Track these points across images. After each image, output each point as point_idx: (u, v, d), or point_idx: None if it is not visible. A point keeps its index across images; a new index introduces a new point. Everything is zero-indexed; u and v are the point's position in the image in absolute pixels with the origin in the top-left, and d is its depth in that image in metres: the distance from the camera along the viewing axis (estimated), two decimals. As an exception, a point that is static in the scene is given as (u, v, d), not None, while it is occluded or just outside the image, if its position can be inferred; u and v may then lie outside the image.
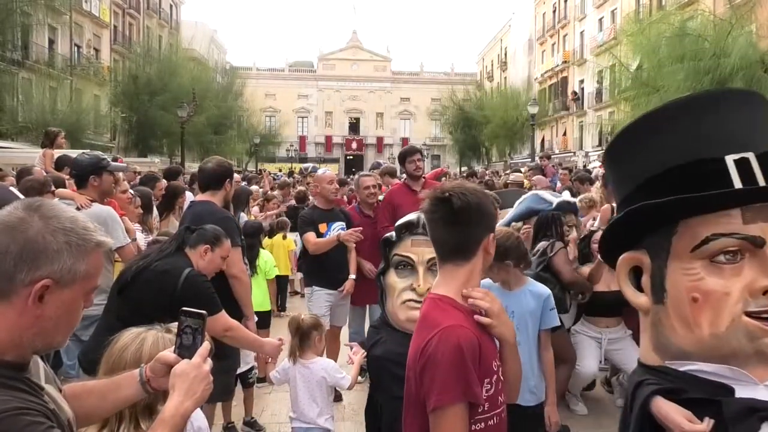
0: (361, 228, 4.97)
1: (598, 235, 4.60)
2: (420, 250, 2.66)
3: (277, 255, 7.72)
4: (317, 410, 3.13)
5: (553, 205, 4.76)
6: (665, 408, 1.34)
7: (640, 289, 1.42)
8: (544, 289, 3.21)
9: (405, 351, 2.46)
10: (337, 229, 5.04)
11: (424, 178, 5.57)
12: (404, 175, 5.80)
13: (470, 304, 1.69)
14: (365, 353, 3.27)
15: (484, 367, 1.61)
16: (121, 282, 3.06)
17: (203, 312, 1.51)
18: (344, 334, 5.47)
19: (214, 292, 3.07)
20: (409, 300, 2.57)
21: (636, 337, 4.77)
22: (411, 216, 2.78)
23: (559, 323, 3.20)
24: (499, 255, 3.10)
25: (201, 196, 3.96)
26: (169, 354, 1.51)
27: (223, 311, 3.04)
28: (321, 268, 5.03)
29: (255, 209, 9.03)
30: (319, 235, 5.02)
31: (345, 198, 9.65)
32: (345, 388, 3.21)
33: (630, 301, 1.42)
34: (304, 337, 3.23)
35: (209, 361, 1.49)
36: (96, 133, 28.58)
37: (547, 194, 5.01)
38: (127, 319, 2.30)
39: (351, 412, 4.74)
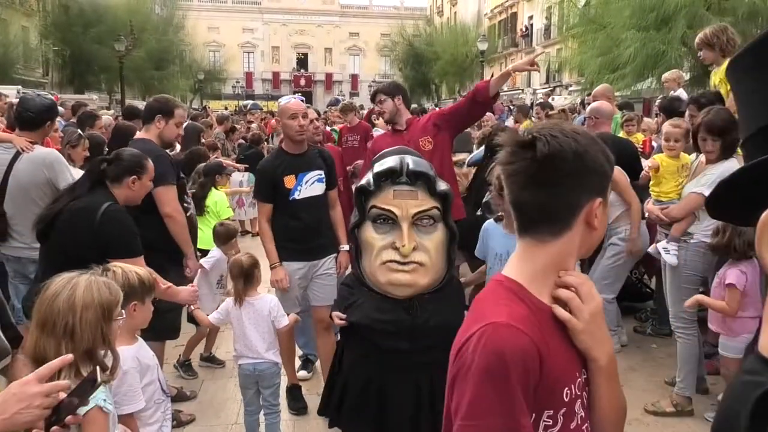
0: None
1: None
2: (403, 203, 2.29)
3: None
4: (265, 345, 3.16)
5: None
6: None
7: None
8: None
9: (387, 317, 2.31)
10: (313, 181, 3.68)
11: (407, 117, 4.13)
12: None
13: (553, 293, 1.20)
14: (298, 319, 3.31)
15: (544, 390, 1.12)
16: (40, 228, 2.95)
17: (99, 381, 1.56)
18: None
19: (137, 234, 2.95)
20: (391, 261, 2.27)
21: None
22: (392, 161, 2.37)
23: None
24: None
25: (138, 134, 3.93)
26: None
27: (141, 258, 2.89)
28: (288, 233, 3.68)
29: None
30: (286, 191, 3.62)
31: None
32: (281, 326, 3.19)
33: None
34: (248, 278, 3.18)
35: (44, 387, 1.43)
36: (27, 67, 27.07)
37: None
38: (58, 264, 2.22)
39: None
